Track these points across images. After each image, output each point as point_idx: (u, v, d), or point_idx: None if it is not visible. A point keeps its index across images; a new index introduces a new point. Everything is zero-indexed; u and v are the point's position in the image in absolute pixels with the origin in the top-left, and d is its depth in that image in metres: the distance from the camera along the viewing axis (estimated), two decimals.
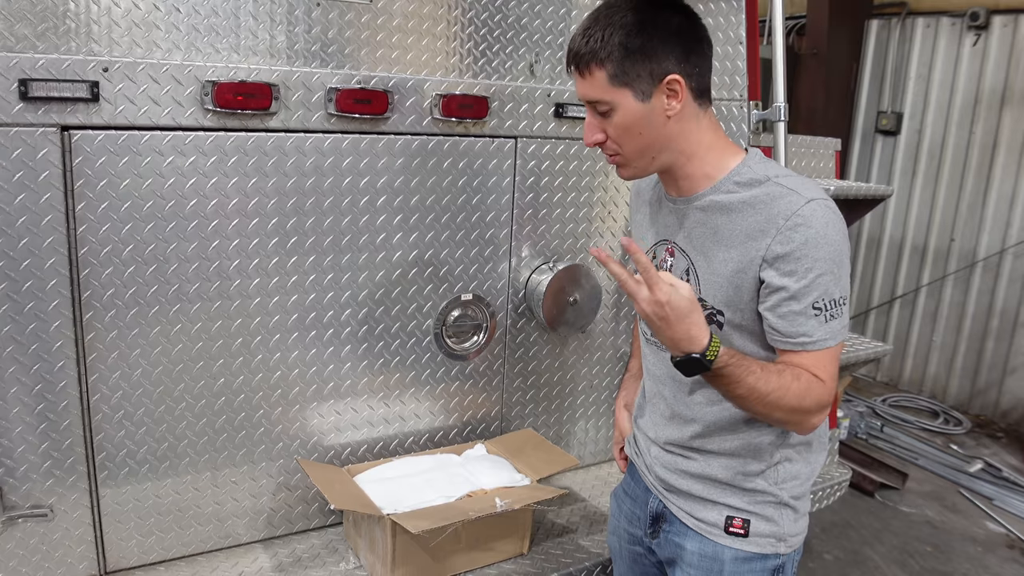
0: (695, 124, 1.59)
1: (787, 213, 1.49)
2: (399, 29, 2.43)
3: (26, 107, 1.80)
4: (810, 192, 1.52)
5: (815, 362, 1.52)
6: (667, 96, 1.53)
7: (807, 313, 1.50)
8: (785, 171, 1.61)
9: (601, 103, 1.56)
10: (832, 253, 1.49)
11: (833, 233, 1.49)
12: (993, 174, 5.80)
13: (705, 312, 1.56)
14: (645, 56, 1.51)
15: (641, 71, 1.51)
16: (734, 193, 1.58)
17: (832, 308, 1.50)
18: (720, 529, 1.70)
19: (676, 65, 1.52)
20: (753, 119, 2.67)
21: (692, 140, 1.60)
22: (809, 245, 1.47)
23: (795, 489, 1.70)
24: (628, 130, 1.57)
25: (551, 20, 2.70)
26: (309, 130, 2.15)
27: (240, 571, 2.21)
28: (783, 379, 1.50)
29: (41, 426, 1.98)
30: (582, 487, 2.82)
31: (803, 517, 1.75)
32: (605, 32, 1.51)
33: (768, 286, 1.52)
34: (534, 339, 2.70)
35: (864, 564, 3.96)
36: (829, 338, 1.52)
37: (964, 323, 6.05)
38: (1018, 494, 4.70)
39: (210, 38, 2.20)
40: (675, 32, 1.53)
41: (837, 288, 1.50)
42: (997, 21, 5.68)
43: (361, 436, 2.46)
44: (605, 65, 1.52)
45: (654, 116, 1.55)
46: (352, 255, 2.29)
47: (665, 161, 1.62)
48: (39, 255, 1.89)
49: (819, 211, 1.49)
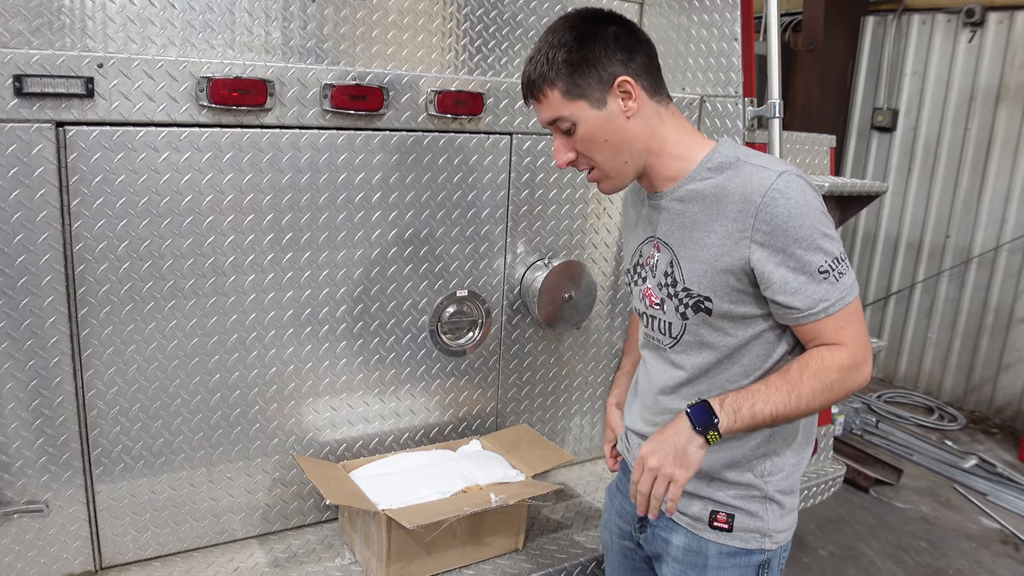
0: (658, 121, 1.63)
1: (762, 190, 1.50)
2: (394, 25, 2.43)
3: (21, 103, 1.80)
4: (780, 166, 1.54)
5: (838, 325, 1.53)
6: (621, 98, 1.58)
7: (816, 279, 1.51)
8: (755, 152, 1.63)
9: (561, 120, 1.61)
10: (818, 217, 1.50)
11: (811, 198, 1.51)
12: (988, 170, 5.81)
13: (692, 300, 1.62)
14: (590, 65, 1.56)
15: (591, 80, 1.56)
16: (707, 179, 1.60)
17: (838, 265, 1.51)
18: (704, 523, 1.70)
19: (622, 67, 1.57)
20: (748, 116, 2.67)
21: (658, 137, 1.63)
22: (793, 216, 1.48)
23: (781, 483, 1.70)
24: (593, 140, 1.61)
25: (546, 16, 2.70)
26: (304, 126, 2.15)
27: (236, 567, 2.22)
28: (790, 376, 1.54)
29: (36, 422, 1.98)
30: (577, 483, 2.83)
31: (790, 513, 1.73)
32: (548, 54, 1.57)
33: (765, 268, 1.52)
34: (529, 335, 2.71)
35: (859, 560, 3.98)
36: (846, 294, 1.53)
37: (959, 319, 6.07)
38: (1012, 490, 4.72)
39: (205, 34, 2.20)
40: (613, 39, 1.58)
41: (833, 246, 1.52)
42: (992, 18, 5.69)
43: (356, 432, 2.46)
44: (556, 83, 1.58)
45: (614, 120, 1.59)
46: (347, 251, 2.30)
47: (638, 163, 1.65)
48: (34, 251, 1.89)
49: (792, 182, 1.50)
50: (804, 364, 1.55)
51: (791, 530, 1.75)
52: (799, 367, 1.55)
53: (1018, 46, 5.58)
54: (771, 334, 1.61)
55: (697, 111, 2.79)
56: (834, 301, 1.52)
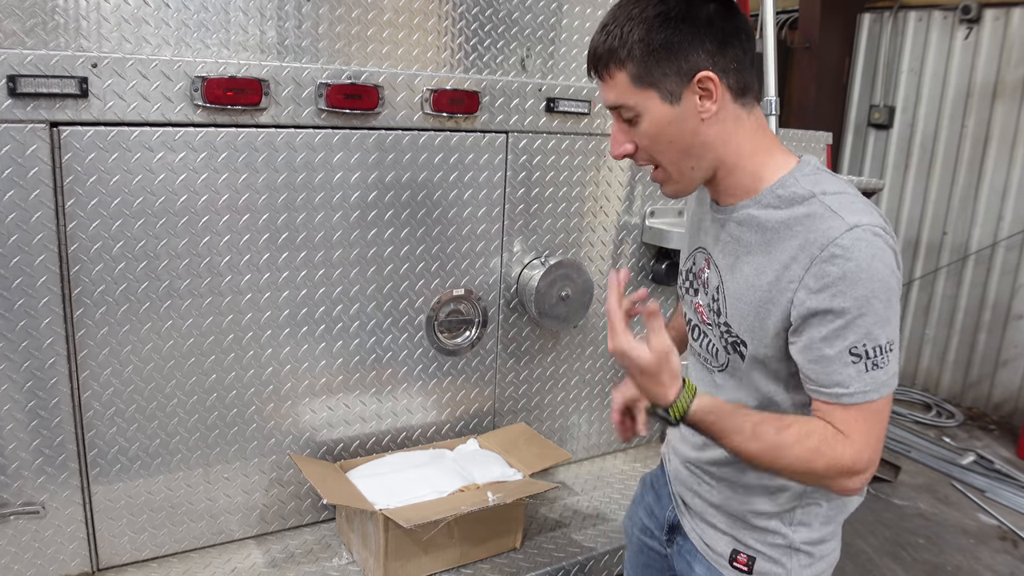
0: (735, 127, 1.40)
1: (824, 241, 1.28)
2: (389, 24, 2.43)
3: (14, 103, 1.80)
4: (857, 216, 1.29)
5: (849, 418, 1.31)
6: (700, 96, 1.36)
7: (843, 360, 1.29)
8: (838, 186, 1.38)
9: (625, 108, 1.39)
10: (876, 290, 1.26)
11: (879, 265, 1.27)
12: (985, 167, 5.81)
13: (731, 339, 1.46)
14: (670, 52, 1.33)
15: (667, 69, 1.34)
16: (774, 209, 1.39)
17: (876, 356, 1.28)
18: (724, 560, 1.59)
19: (708, 60, 1.34)
20: None
21: (733, 145, 1.41)
22: (848, 280, 1.26)
23: (812, 534, 1.54)
24: (657, 138, 1.40)
25: (542, 15, 2.70)
26: (299, 125, 2.15)
27: (233, 567, 2.21)
28: (783, 437, 1.32)
29: (32, 423, 1.98)
30: (575, 481, 2.82)
31: (819, 561, 1.56)
32: (624, 28, 1.34)
33: (799, 326, 1.33)
34: (526, 334, 2.71)
35: (857, 556, 3.98)
36: (871, 390, 1.29)
37: (957, 316, 6.07)
38: (1010, 486, 4.72)
39: (200, 33, 2.20)
40: (706, 23, 1.34)
41: (883, 332, 1.28)
42: (989, 14, 5.69)
43: (353, 432, 2.46)
44: (626, 65, 1.35)
45: (686, 120, 1.37)
46: (343, 251, 2.29)
47: (706, 170, 1.44)
48: (28, 252, 1.89)
49: (863, 239, 1.27)
50: (807, 432, 1.32)
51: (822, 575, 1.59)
52: (797, 436, 1.32)
53: (1014, 43, 5.58)
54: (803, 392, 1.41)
55: None
56: (853, 392, 1.29)
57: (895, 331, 1.31)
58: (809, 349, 1.32)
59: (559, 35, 2.78)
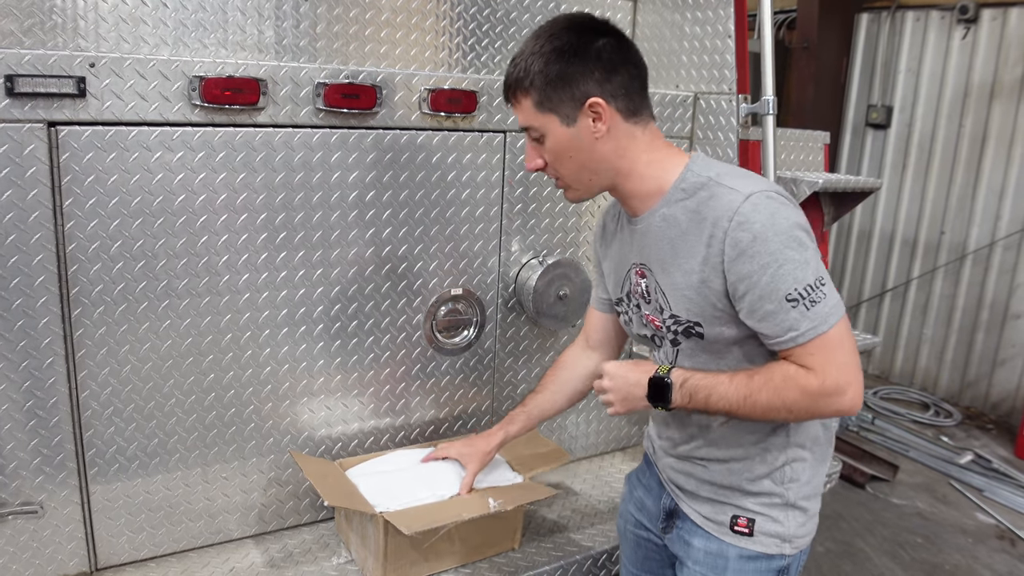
0: (630, 142, 1.61)
1: (730, 214, 1.47)
2: (387, 23, 2.43)
3: (12, 103, 1.80)
4: (750, 186, 1.49)
5: (807, 352, 1.47)
6: (592, 119, 1.57)
7: (783, 308, 1.46)
8: (728, 168, 1.59)
9: (532, 129, 1.63)
10: (786, 241, 1.45)
11: (781, 221, 1.46)
12: (983, 167, 5.82)
13: (682, 327, 1.63)
14: (565, 82, 1.55)
15: (563, 96, 1.56)
16: (681, 201, 1.58)
17: (811, 293, 1.45)
18: (726, 527, 1.71)
19: (597, 88, 1.56)
20: (742, 113, 2.68)
21: (628, 158, 1.62)
22: (758, 241, 1.45)
23: (803, 489, 1.69)
24: (560, 154, 1.62)
25: (540, 14, 2.70)
26: (297, 125, 2.15)
27: (231, 567, 2.21)
28: (754, 382, 1.51)
29: (30, 423, 1.98)
30: (573, 481, 2.83)
31: (812, 519, 1.72)
32: (528, 61, 1.57)
33: (735, 293, 1.50)
34: (524, 333, 2.71)
35: (855, 556, 3.98)
36: (818, 324, 1.46)
37: (954, 316, 6.08)
38: (1008, 485, 4.73)
39: (198, 33, 2.20)
40: (595, 56, 1.55)
41: (807, 272, 1.45)
42: (986, 14, 5.70)
43: (352, 431, 2.46)
44: (530, 93, 1.58)
45: (582, 139, 1.59)
46: (341, 250, 2.29)
47: (604, 181, 1.66)
48: (27, 251, 1.89)
49: (760, 203, 1.47)
50: (769, 375, 1.51)
51: (811, 535, 1.74)
52: (764, 377, 1.52)
53: (1012, 43, 5.59)
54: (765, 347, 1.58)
55: (691, 108, 2.79)
56: (804, 331, 1.46)
57: (818, 267, 1.47)
58: (753, 311, 1.50)
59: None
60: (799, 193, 2.66)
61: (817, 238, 2.99)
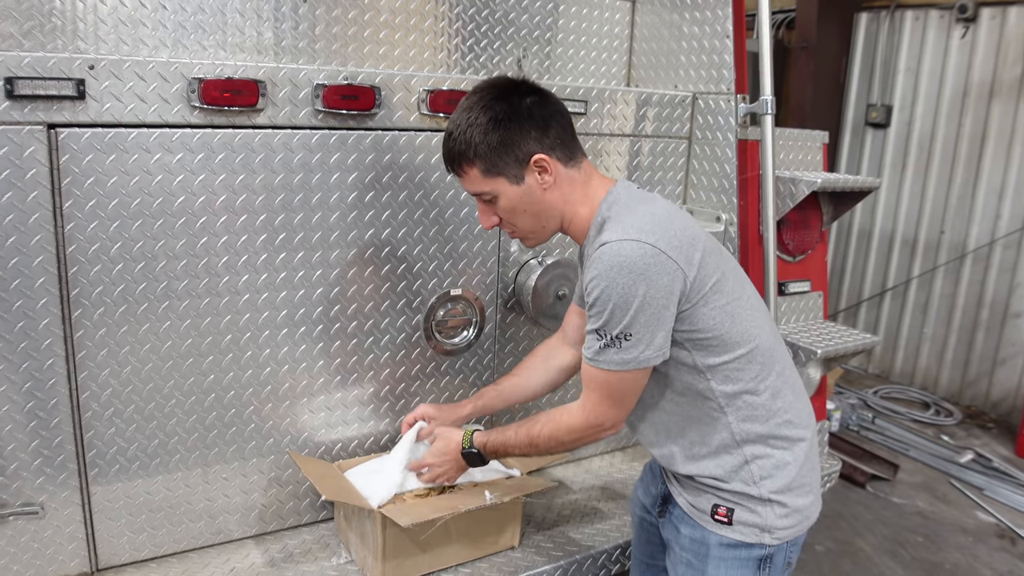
0: (570, 187, 1.75)
1: (593, 250, 1.65)
2: (386, 25, 2.44)
3: (12, 105, 1.80)
4: (619, 232, 1.60)
5: (588, 377, 1.70)
6: (538, 173, 1.70)
7: (592, 334, 1.65)
8: (628, 208, 1.69)
9: (484, 194, 1.74)
10: (612, 294, 1.57)
11: (616, 275, 1.57)
12: (982, 166, 5.82)
13: None
14: (506, 147, 1.67)
15: (508, 160, 1.68)
16: (594, 239, 1.71)
17: (609, 339, 1.61)
18: (707, 515, 1.78)
19: (537, 144, 1.68)
20: (741, 112, 2.68)
21: (570, 203, 1.76)
22: (596, 281, 1.59)
23: (777, 484, 1.73)
24: (514, 210, 1.75)
25: (538, 15, 2.71)
26: (296, 126, 2.15)
27: (232, 567, 2.22)
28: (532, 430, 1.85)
29: (31, 424, 1.98)
30: (572, 479, 2.83)
31: (796, 512, 1.76)
32: (466, 134, 1.67)
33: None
34: (523, 333, 2.71)
35: (855, 555, 3.99)
36: (601, 360, 1.64)
37: (954, 315, 6.08)
38: (1008, 484, 4.73)
39: (197, 35, 2.21)
40: (527, 116, 1.67)
41: (617, 325, 1.59)
42: (985, 13, 5.70)
43: (351, 432, 2.47)
44: (475, 163, 1.69)
45: (532, 193, 1.72)
46: (340, 251, 2.30)
47: (554, 225, 1.80)
48: (27, 253, 1.89)
49: (611, 252, 1.58)
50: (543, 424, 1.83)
51: (797, 527, 1.77)
52: (541, 425, 1.83)
53: (1011, 41, 5.59)
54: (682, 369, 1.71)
55: (690, 108, 2.79)
56: (589, 357, 1.66)
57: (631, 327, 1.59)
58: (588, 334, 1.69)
59: (555, 36, 2.79)
60: (798, 193, 2.66)
61: (817, 238, 3.00)
